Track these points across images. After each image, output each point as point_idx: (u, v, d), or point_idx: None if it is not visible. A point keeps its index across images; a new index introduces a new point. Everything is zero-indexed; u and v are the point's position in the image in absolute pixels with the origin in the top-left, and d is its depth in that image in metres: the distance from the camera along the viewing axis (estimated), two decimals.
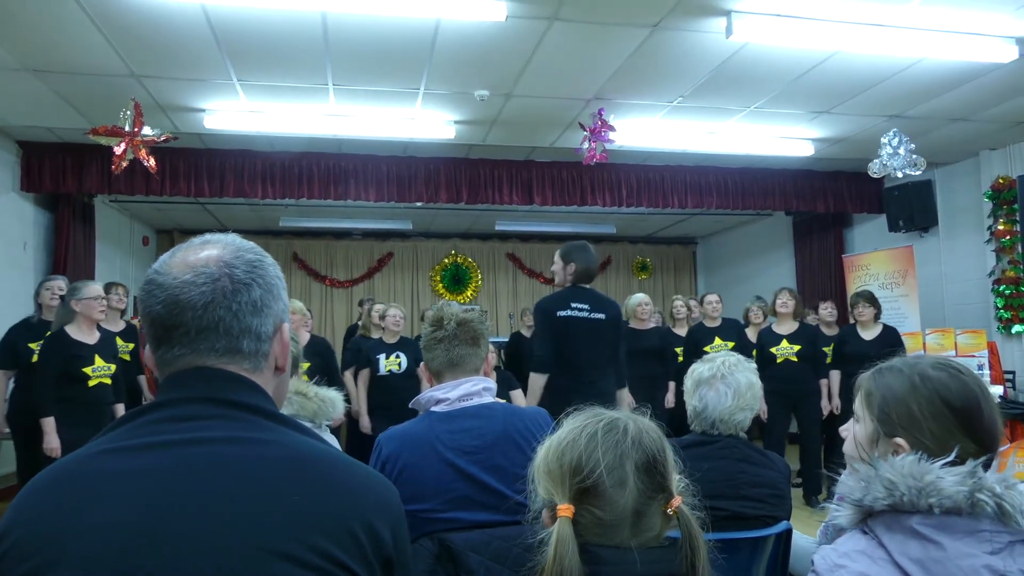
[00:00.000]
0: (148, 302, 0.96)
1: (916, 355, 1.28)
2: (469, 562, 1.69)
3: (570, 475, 1.10)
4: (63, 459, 0.91)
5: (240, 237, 1.03)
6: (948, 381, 1.18)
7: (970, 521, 1.03)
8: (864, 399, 1.28)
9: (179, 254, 0.98)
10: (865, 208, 8.16)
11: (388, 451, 1.86)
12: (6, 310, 6.29)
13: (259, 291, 0.97)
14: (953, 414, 1.15)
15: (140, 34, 4.26)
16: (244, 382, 0.96)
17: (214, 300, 0.94)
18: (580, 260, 4.00)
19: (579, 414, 1.19)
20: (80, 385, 4.19)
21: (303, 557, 0.81)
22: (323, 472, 0.90)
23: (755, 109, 5.78)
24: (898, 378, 1.23)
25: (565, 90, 5.32)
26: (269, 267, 1.01)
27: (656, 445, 1.13)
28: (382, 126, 5.93)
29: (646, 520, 1.08)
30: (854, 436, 1.29)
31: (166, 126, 5.63)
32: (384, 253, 11.15)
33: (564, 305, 3.90)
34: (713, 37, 4.39)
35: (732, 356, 2.15)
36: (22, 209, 6.63)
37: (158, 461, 0.85)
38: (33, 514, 0.84)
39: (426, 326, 2.05)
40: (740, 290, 9.92)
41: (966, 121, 6.09)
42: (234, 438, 0.89)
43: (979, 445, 1.14)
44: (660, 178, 7.62)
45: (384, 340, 5.59)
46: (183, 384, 0.94)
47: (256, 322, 0.97)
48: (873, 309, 5.86)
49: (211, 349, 0.95)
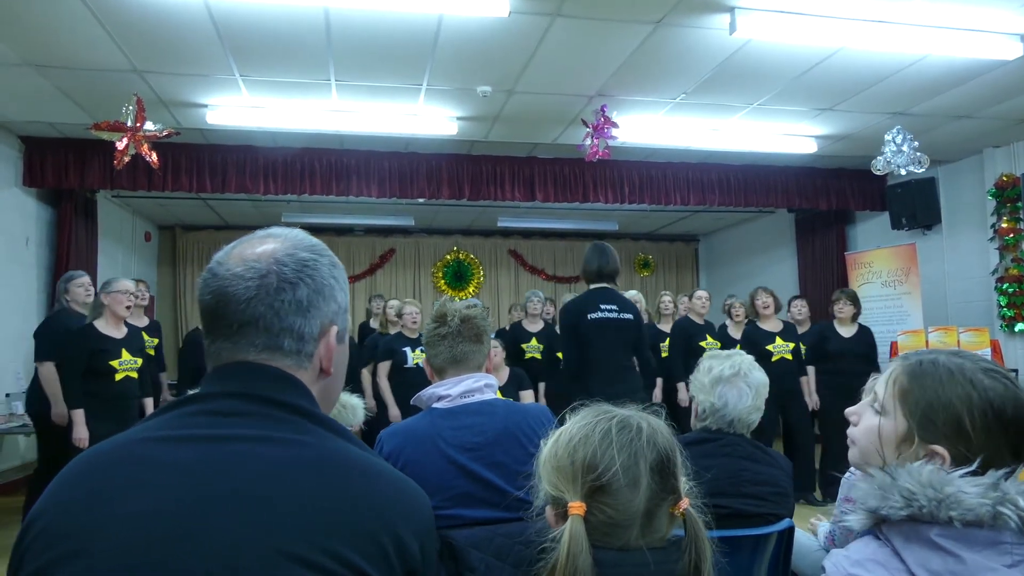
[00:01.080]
0: (202, 290, 0.96)
1: (955, 351, 1.16)
2: (471, 559, 1.68)
3: (583, 472, 1.07)
4: (100, 445, 0.90)
5: (307, 234, 1.02)
6: (1003, 392, 1.08)
7: (991, 533, 0.99)
8: (899, 394, 1.14)
9: (239, 246, 0.98)
10: (868, 206, 8.14)
11: (390, 448, 1.86)
12: (9, 305, 6.30)
13: (306, 290, 0.96)
14: (1003, 428, 1.07)
15: (142, 29, 4.25)
16: (286, 379, 0.94)
17: (257, 296, 0.93)
18: (589, 260, 4.02)
19: (587, 410, 1.16)
20: (107, 379, 4.25)
21: (320, 563, 0.80)
22: (353, 478, 0.88)
23: (758, 106, 5.76)
24: (949, 381, 1.10)
25: (568, 86, 5.31)
26: (323, 267, 0.99)
27: (668, 445, 1.11)
28: (384, 122, 5.92)
29: (655, 521, 1.07)
30: (878, 432, 1.17)
31: (168, 121, 5.62)
32: (386, 249, 11.15)
33: (594, 307, 3.88)
34: (716, 34, 4.38)
35: (747, 356, 2.15)
36: (24, 204, 6.63)
37: (188, 455, 0.85)
38: (63, 502, 0.84)
39: (429, 322, 2.04)
40: (742, 287, 9.85)
41: (970, 118, 6.08)
42: (267, 437, 0.88)
43: (1018, 458, 1.08)
44: (662, 175, 7.60)
45: (405, 335, 5.63)
46: (223, 378, 0.94)
47: (300, 322, 0.95)
48: (854, 308, 5.91)
49: (251, 344, 0.94)
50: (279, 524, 0.81)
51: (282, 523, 0.81)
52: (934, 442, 1.09)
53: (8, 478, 6.26)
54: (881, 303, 7.61)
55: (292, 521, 0.81)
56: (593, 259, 4.05)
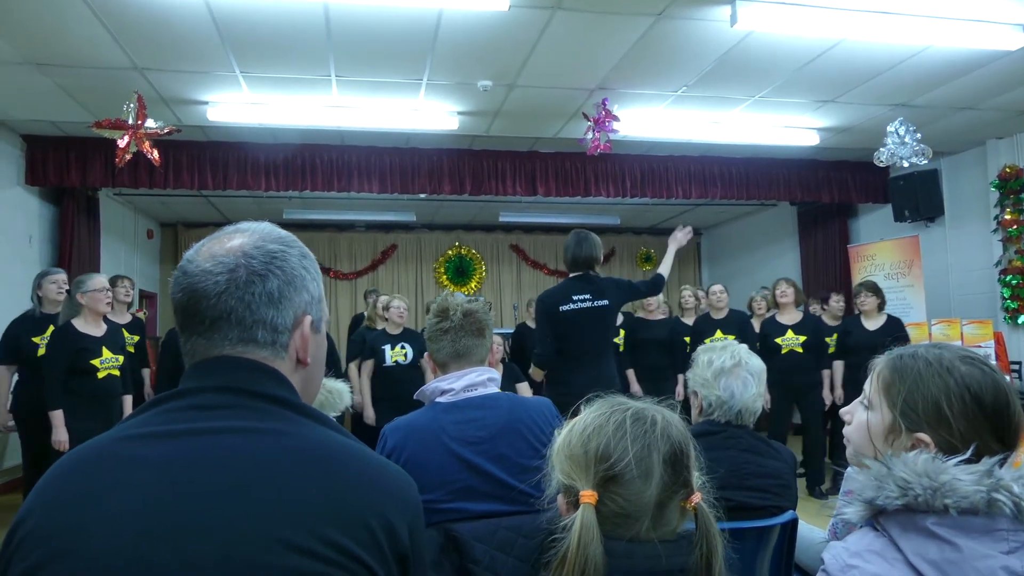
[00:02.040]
0: (173, 289, 0.97)
1: (935, 344, 1.22)
2: (474, 552, 1.69)
3: (596, 462, 1.08)
4: (83, 445, 0.90)
5: (275, 227, 1.02)
6: (980, 378, 1.11)
7: (986, 520, 1.00)
8: (883, 388, 1.19)
9: (208, 243, 0.98)
10: (870, 198, 8.12)
11: (393, 442, 1.86)
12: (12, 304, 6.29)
13: (276, 282, 0.96)
14: (983, 413, 1.10)
15: (142, 27, 4.25)
16: (265, 370, 0.95)
17: (227, 290, 0.93)
18: (569, 249, 4.00)
19: (602, 401, 1.17)
20: (89, 377, 4.20)
21: (315, 549, 0.80)
22: (340, 465, 0.89)
23: (760, 98, 5.75)
24: (926, 370, 1.15)
25: (568, 80, 5.30)
26: (293, 258, 0.99)
27: (682, 438, 1.11)
28: (385, 117, 5.91)
29: (666, 514, 1.07)
30: (867, 426, 1.21)
31: (169, 119, 5.62)
32: (388, 245, 11.15)
33: (565, 299, 3.87)
34: (717, 26, 4.36)
35: (741, 344, 2.14)
36: (27, 203, 6.64)
37: (174, 450, 0.85)
38: (51, 502, 0.84)
39: (431, 316, 2.04)
40: (745, 281, 9.90)
41: (972, 110, 6.06)
42: (251, 428, 0.88)
43: (1003, 444, 1.10)
44: (664, 168, 7.59)
45: (388, 331, 5.59)
46: (203, 373, 0.94)
47: (272, 313, 0.96)
48: (876, 299, 5.80)
49: (225, 339, 0.94)
50: (269, 513, 0.81)
51: (272, 512, 0.82)
52: (918, 430, 1.12)
53: (14, 475, 6.27)
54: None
55: (282, 509, 0.82)
56: (570, 247, 4.02)
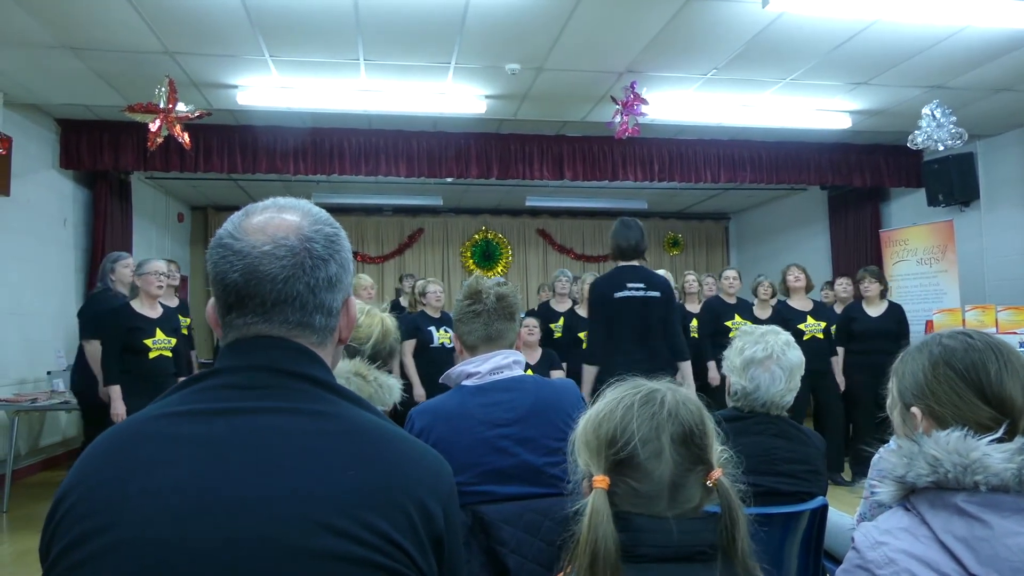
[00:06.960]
0: (223, 268, 0.93)
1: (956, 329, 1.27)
2: (502, 534, 1.70)
3: (606, 446, 1.09)
4: (123, 422, 0.92)
5: (313, 204, 1.03)
6: (955, 346, 1.17)
7: (1018, 499, 1.00)
8: (892, 374, 1.28)
9: (255, 219, 0.96)
10: (903, 182, 7.97)
11: (420, 425, 1.87)
12: (48, 285, 6.44)
13: (335, 267, 0.97)
14: (957, 375, 1.14)
15: (174, 11, 4.29)
16: (307, 354, 0.95)
17: (295, 275, 0.93)
18: (617, 236, 3.98)
19: (619, 385, 1.17)
20: (141, 357, 4.36)
21: (352, 531, 0.81)
22: (377, 447, 0.90)
23: (791, 81, 5.65)
24: (916, 350, 1.23)
25: (597, 63, 5.25)
26: (344, 240, 1.01)
27: (694, 417, 1.11)
28: (413, 101, 5.91)
29: (684, 492, 1.08)
30: (890, 412, 1.29)
31: (199, 102, 5.67)
32: (415, 229, 11.19)
33: (619, 286, 3.86)
34: (749, 7, 4.29)
35: (782, 334, 2.11)
36: (62, 186, 6.76)
37: (215, 428, 0.86)
38: (92, 477, 0.85)
39: (461, 299, 2.03)
40: (773, 265, 9.76)
41: (1011, 91, 5.91)
42: (292, 408, 0.89)
43: (996, 410, 1.10)
44: (692, 152, 7.52)
45: (428, 313, 5.64)
46: (245, 352, 0.94)
47: (329, 297, 0.96)
48: (879, 285, 5.74)
49: (284, 321, 0.94)
50: (309, 493, 0.82)
51: (312, 493, 0.82)
52: (910, 404, 1.19)
53: (51, 453, 6.43)
54: (916, 281, 7.48)
55: (322, 491, 0.83)
56: (620, 235, 4.01)
